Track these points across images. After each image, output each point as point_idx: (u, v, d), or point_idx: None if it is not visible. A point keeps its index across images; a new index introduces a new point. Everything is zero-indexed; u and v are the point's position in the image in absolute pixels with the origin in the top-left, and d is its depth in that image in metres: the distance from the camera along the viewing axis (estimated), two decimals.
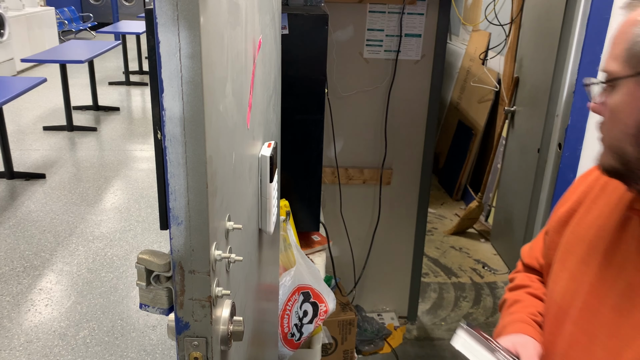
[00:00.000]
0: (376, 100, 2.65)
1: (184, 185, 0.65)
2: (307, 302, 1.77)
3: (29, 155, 5.02)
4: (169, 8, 0.58)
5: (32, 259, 3.35)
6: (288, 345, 1.75)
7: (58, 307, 2.91)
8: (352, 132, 2.69)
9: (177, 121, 0.62)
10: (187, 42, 0.59)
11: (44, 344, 2.62)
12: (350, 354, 2.46)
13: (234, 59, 0.80)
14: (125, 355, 2.58)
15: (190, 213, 0.66)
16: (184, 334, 0.72)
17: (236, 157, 0.85)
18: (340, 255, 2.83)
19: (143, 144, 5.46)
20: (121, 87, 7.69)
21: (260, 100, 1.10)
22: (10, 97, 3.94)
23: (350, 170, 2.74)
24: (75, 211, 3.99)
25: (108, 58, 9.36)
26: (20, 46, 8.14)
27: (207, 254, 0.68)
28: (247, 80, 0.92)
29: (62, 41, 9.88)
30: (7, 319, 2.80)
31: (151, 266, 0.77)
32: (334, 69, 2.57)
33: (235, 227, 0.80)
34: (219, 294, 0.72)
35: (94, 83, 6.39)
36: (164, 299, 0.80)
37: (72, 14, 11.23)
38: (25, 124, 5.86)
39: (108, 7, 12.45)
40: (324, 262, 1.99)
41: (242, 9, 0.84)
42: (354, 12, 2.50)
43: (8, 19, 7.68)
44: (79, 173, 4.68)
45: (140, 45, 8.66)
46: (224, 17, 0.71)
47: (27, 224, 3.77)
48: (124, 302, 2.96)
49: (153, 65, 1.15)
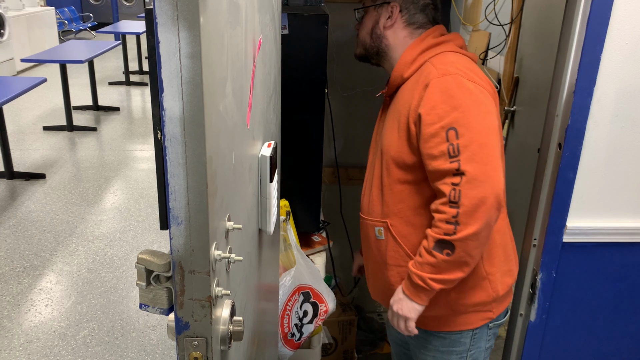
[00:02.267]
0: (376, 100, 2.64)
1: (184, 185, 0.65)
2: (307, 302, 1.77)
3: (29, 155, 5.02)
4: (169, 8, 0.58)
5: (32, 259, 3.35)
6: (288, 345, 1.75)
7: (58, 307, 2.91)
8: (352, 132, 2.69)
9: (177, 121, 0.62)
10: (187, 42, 0.59)
11: (44, 344, 2.62)
12: (350, 354, 2.46)
13: (234, 59, 0.80)
14: (125, 355, 2.58)
15: (190, 213, 0.66)
16: (184, 334, 0.72)
17: (236, 157, 0.85)
18: (340, 255, 2.83)
19: (143, 144, 5.46)
20: (121, 87, 7.69)
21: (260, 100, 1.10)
22: (10, 97, 3.94)
23: (350, 170, 2.74)
24: (75, 211, 3.99)
25: (108, 58, 9.37)
26: (20, 46, 8.14)
27: (207, 254, 0.68)
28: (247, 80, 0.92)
29: (62, 41, 9.88)
30: (7, 319, 2.80)
31: (151, 266, 0.77)
32: (334, 69, 2.57)
33: (235, 227, 0.80)
34: (219, 294, 0.72)
35: (94, 83, 6.39)
36: (164, 299, 0.80)
37: (72, 14, 11.24)
38: (25, 124, 5.86)
39: (108, 7, 12.46)
40: (324, 262, 1.99)
41: (242, 9, 0.84)
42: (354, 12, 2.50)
43: (8, 19, 7.68)
44: (79, 173, 4.68)
45: (140, 45, 8.67)
46: (224, 17, 0.71)
47: (27, 224, 3.77)
48: (124, 302, 2.96)
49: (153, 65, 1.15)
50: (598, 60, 1.36)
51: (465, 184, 1.20)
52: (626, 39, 1.35)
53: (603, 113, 1.41)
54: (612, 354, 1.68)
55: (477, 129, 1.22)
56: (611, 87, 1.39)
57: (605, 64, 1.37)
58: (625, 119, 1.42)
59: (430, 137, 1.24)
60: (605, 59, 1.36)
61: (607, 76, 1.38)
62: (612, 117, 1.41)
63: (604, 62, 1.37)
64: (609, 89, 1.39)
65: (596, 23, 1.33)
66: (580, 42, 1.36)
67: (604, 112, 1.41)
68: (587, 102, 1.39)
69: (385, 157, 1.39)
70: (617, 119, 1.42)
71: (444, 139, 1.22)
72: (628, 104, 1.41)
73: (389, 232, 1.41)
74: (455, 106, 1.23)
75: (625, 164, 1.45)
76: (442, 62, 1.31)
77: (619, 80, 1.39)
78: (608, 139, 1.42)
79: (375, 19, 1.43)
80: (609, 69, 1.37)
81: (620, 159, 1.45)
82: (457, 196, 1.20)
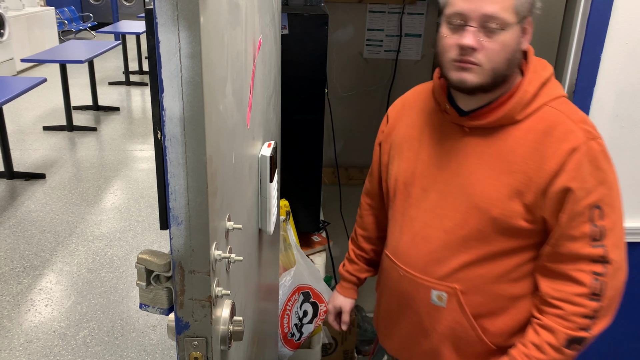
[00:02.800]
0: (376, 100, 2.64)
1: (184, 185, 0.65)
2: (307, 302, 1.77)
3: (29, 155, 5.02)
4: (169, 8, 0.58)
5: (32, 259, 3.35)
6: (288, 345, 1.75)
7: (58, 307, 2.91)
8: (352, 132, 2.69)
9: (177, 121, 0.62)
10: (187, 42, 0.59)
11: (44, 344, 2.62)
12: (350, 354, 2.46)
13: (234, 59, 0.80)
14: (125, 355, 2.58)
15: (190, 213, 0.66)
16: (184, 334, 0.72)
17: (236, 157, 0.85)
18: (340, 255, 2.83)
19: (143, 144, 5.46)
20: (121, 87, 7.69)
21: (260, 100, 1.10)
22: (10, 97, 3.94)
23: (350, 170, 2.74)
24: (75, 211, 3.99)
25: (108, 58, 9.36)
26: (20, 46, 8.13)
27: (207, 254, 0.68)
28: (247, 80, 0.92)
29: (62, 41, 9.88)
30: (7, 319, 2.80)
31: (151, 266, 0.77)
32: (334, 69, 2.57)
33: (235, 227, 0.80)
34: (219, 294, 0.72)
35: (94, 83, 6.38)
36: (164, 299, 0.80)
37: (72, 14, 11.23)
38: (25, 124, 5.86)
39: (108, 7, 12.45)
40: (324, 262, 1.99)
41: (242, 9, 0.84)
42: (354, 12, 2.50)
43: (8, 19, 7.68)
44: (79, 173, 4.68)
45: (140, 45, 8.66)
46: (224, 17, 0.71)
47: (27, 224, 3.77)
48: (124, 302, 2.96)
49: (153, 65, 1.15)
50: (598, 60, 1.36)
51: (612, 275, 1.05)
52: (626, 39, 1.35)
53: (603, 113, 1.41)
54: (613, 354, 1.68)
55: (619, 208, 1.08)
56: (611, 87, 1.39)
57: (605, 64, 1.37)
58: (625, 119, 1.42)
59: (575, 216, 1.05)
60: (605, 59, 1.36)
61: (607, 76, 1.38)
62: (612, 117, 1.41)
63: (604, 62, 1.37)
64: (609, 89, 1.39)
65: (596, 23, 1.33)
66: (580, 42, 1.36)
67: (604, 112, 1.41)
68: (587, 102, 1.39)
69: (476, 214, 1.11)
70: (617, 119, 1.42)
71: (587, 219, 1.04)
72: (628, 104, 1.41)
73: (457, 300, 1.16)
74: (602, 180, 1.05)
75: (625, 164, 1.45)
76: (574, 114, 1.08)
77: (619, 80, 1.39)
78: (608, 139, 1.42)
79: (517, 38, 1.05)
80: (609, 69, 1.37)
81: (620, 159, 1.45)
82: (602, 288, 1.05)
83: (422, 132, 1.22)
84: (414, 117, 1.26)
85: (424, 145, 1.20)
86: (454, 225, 1.14)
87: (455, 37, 1.05)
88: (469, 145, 1.14)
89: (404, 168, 1.23)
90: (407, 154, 1.23)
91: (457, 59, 1.05)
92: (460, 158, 1.14)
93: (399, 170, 1.25)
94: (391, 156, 1.28)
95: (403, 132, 1.26)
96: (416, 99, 1.30)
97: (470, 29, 1.02)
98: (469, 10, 1.02)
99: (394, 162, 1.27)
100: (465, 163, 1.14)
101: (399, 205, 1.25)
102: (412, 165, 1.21)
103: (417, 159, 1.21)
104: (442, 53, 1.08)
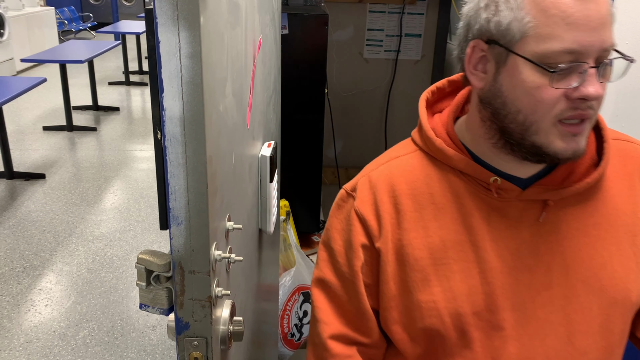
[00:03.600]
0: (376, 100, 2.65)
1: (184, 185, 0.65)
2: (307, 302, 1.77)
3: (29, 155, 5.02)
4: (169, 8, 0.58)
5: (32, 259, 3.35)
6: (288, 345, 1.75)
7: (58, 307, 2.91)
8: (352, 132, 2.69)
9: (177, 121, 0.62)
10: (187, 42, 0.59)
11: (43, 344, 2.62)
12: None
13: (234, 59, 0.80)
14: (125, 355, 2.58)
15: (190, 213, 0.66)
16: (184, 334, 0.72)
17: (236, 157, 0.84)
18: None
19: (143, 144, 5.46)
20: (121, 87, 7.69)
21: (260, 100, 1.10)
22: (10, 97, 3.94)
23: (350, 170, 2.74)
24: (75, 211, 3.99)
25: (108, 58, 9.36)
26: (20, 46, 8.14)
27: (207, 254, 0.68)
28: (247, 80, 0.92)
29: (62, 41, 9.88)
30: (7, 319, 2.80)
31: (151, 266, 0.77)
32: (334, 69, 2.57)
33: (235, 227, 0.80)
34: (219, 294, 0.72)
35: (94, 83, 6.39)
36: (164, 299, 0.79)
37: (72, 13, 11.23)
38: (25, 124, 5.86)
39: (108, 7, 12.45)
40: None
41: (242, 9, 0.84)
42: (354, 12, 2.50)
43: (8, 19, 7.68)
44: (79, 173, 4.68)
45: (140, 45, 8.66)
46: (224, 17, 0.71)
47: (27, 224, 3.77)
48: (124, 302, 2.96)
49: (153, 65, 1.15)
50: None
51: None
52: (626, 39, 1.35)
53: (603, 113, 1.41)
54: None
55: None
56: (611, 87, 1.39)
57: None
58: (625, 119, 1.42)
59: None
60: None
61: None
62: (612, 117, 1.41)
63: None
64: (609, 89, 1.39)
65: None
66: None
67: (603, 112, 1.41)
68: None
69: (618, 308, 0.83)
70: (617, 119, 1.42)
71: None
72: (628, 104, 1.41)
73: None
74: None
75: None
76: (616, 132, 0.94)
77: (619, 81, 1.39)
78: None
79: None
80: None
81: None
82: None
83: (471, 231, 0.83)
84: (440, 214, 0.85)
85: (487, 249, 0.82)
86: (592, 341, 0.83)
87: (563, 84, 0.71)
88: (562, 222, 0.82)
89: (464, 292, 0.83)
90: (459, 272, 0.83)
91: (570, 116, 0.72)
92: (556, 245, 0.82)
93: (452, 297, 0.83)
94: (414, 280, 0.85)
95: (433, 242, 0.85)
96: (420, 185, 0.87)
97: (592, 72, 0.71)
98: (588, 44, 0.68)
99: (428, 289, 0.84)
100: (569, 248, 0.82)
101: (480, 347, 0.83)
102: (479, 284, 0.82)
103: (484, 271, 0.82)
104: (534, 111, 0.72)
